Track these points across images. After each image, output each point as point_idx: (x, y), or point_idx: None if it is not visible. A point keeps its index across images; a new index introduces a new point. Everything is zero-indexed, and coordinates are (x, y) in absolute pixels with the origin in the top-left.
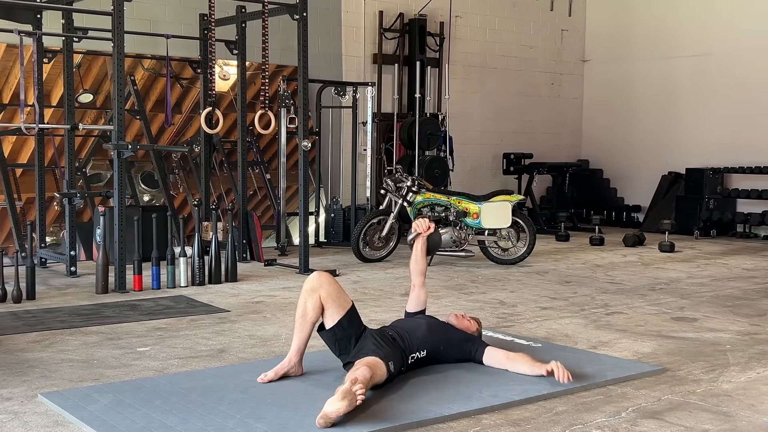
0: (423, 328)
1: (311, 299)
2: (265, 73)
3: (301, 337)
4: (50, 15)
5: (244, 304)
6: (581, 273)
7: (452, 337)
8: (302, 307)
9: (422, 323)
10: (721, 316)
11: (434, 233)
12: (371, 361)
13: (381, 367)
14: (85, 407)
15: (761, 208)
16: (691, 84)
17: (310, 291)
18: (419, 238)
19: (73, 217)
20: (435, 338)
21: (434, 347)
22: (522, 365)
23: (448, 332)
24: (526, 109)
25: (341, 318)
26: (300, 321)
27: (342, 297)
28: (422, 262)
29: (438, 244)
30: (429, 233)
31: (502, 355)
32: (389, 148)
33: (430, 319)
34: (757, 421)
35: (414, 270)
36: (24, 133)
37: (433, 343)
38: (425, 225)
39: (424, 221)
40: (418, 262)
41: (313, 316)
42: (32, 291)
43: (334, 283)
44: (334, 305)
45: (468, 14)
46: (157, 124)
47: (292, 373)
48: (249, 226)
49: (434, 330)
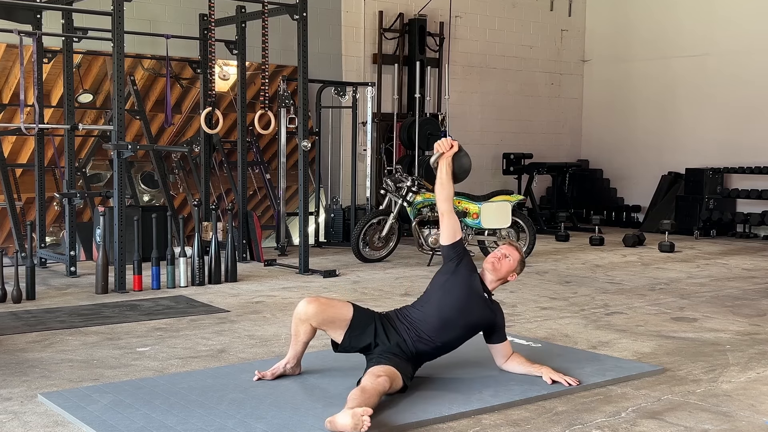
0: (434, 322)
1: (302, 327)
2: (265, 73)
3: (296, 350)
4: (50, 15)
5: (244, 304)
6: (581, 273)
7: (469, 325)
8: (294, 329)
9: (435, 316)
10: (721, 316)
11: (461, 153)
12: (392, 372)
13: (399, 380)
14: (84, 407)
15: (761, 208)
16: (691, 84)
17: (300, 321)
18: (442, 159)
19: (73, 217)
20: (448, 333)
21: (449, 344)
22: (522, 369)
23: (468, 318)
24: (525, 109)
25: (344, 338)
26: (294, 338)
27: (338, 316)
28: (448, 186)
29: (466, 167)
30: (453, 152)
31: (503, 357)
32: (389, 148)
33: (451, 300)
34: (757, 421)
35: (439, 196)
36: (24, 133)
37: (447, 340)
38: (448, 144)
39: (447, 140)
40: (443, 186)
41: (305, 338)
42: (32, 291)
43: (325, 308)
44: (332, 326)
45: (468, 14)
46: (157, 124)
47: (290, 373)
48: (249, 226)
49: (448, 323)
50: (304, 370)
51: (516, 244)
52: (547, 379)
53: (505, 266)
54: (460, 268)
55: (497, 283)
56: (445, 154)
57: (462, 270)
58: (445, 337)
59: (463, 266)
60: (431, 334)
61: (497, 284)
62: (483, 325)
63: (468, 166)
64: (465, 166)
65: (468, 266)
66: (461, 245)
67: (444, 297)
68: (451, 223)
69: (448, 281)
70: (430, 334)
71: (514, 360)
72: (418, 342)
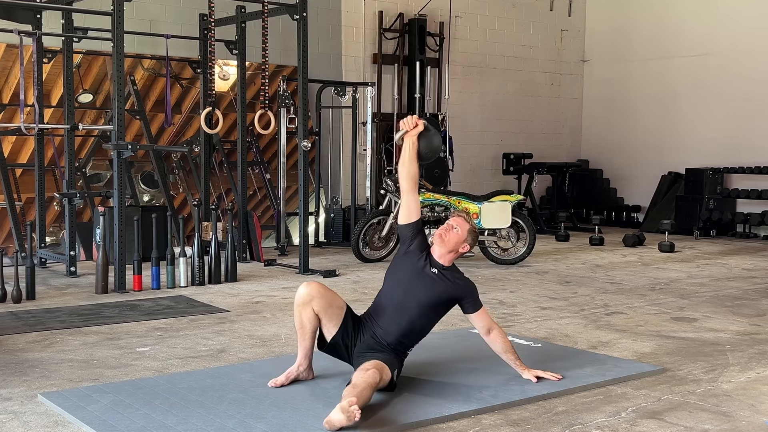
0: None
1: (305, 312)
2: (265, 73)
3: (305, 346)
4: (50, 15)
5: (244, 304)
6: (581, 273)
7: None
8: (299, 320)
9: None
10: (721, 316)
11: (429, 132)
12: (379, 364)
13: (387, 372)
14: (84, 407)
15: (761, 208)
16: (691, 84)
17: (302, 305)
18: (407, 137)
19: (73, 217)
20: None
21: (411, 327)
22: (503, 353)
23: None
24: (525, 109)
25: (337, 332)
26: (300, 332)
27: (335, 302)
28: (410, 165)
29: (434, 147)
30: (417, 131)
31: (483, 328)
32: (389, 148)
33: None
34: (757, 421)
35: (401, 174)
36: (24, 133)
37: (406, 324)
38: (412, 122)
39: (412, 118)
40: (404, 165)
41: (311, 326)
42: (32, 291)
43: (325, 293)
44: (327, 317)
45: (468, 14)
46: (157, 124)
47: (303, 377)
48: (249, 226)
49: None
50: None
51: (464, 214)
52: (532, 377)
53: (453, 238)
54: (410, 249)
55: (449, 255)
56: (409, 133)
57: (411, 251)
58: (403, 322)
59: (414, 246)
60: (389, 322)
61: (450, 257)
62: (443, 300)
63: (437, 146)
64: (433, 145)
65: (418, 246)
66: (417, 226)
67: (391, 282)
68: (409, 202)
69: (397, 265)
70: (389, 322)
71: (497, 341)
72: (384, 334)
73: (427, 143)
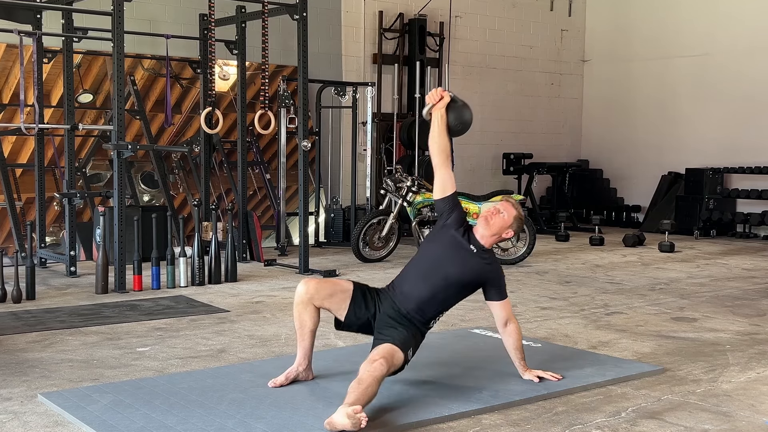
0: (414, 275)
1: (305, 311)
2: (265, 73)
3: (304, 346)
4: (50, 15)
5: (244, 304)
6: (581, 273)
7: (451, 278)
8: (298, 319)
9: (413, 271)
10: (721, 316)
11: (457, 104)
12: (388, 351)
13: (398, 355)
14: (84, 407)
15: (761, 208)
16: (691, 84)
17: (301, 304)
18: (434, 110)
19: (73, 217)
20: (427, 285)
21: (432, 296)
22: (512, 349)
23: (447, 270)
24: (525, 109)
25: (347, 313)
26: (299, 331)
27: (338, 288)
28: (439, 139)
29: (465, 119)
30: (445, 103)
31: (501, 319)
32: (389, 148)
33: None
34: (757, 421)
35: (431, 149)
36: (24, 133)
37: (428, 292)
38: (437, 95)
39: (437, 90)
40: (434, 139)
41: (311, 325)
42: (32, 291)
43: (324, 286)
44: (334, 301)
45: (468, 14)
46: (157, 124)
47: (302, 378)
48: (249, 226)
49: (426, 275)
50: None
51: (513, 200)
52: (534, 378)
53: (497, 222)
54: (448, 222)
55: (491, 238)
56: (437, 106)
57: (449, 224)
58: (426, 289)
59: (452, 220)
60: (411, 287)
61: (492, 240)
62: (471, 280)
63: (468, 119)
64: (463, 118)
65: (457, 219)
66: (453, 199)
67: (424, 251)
68: (443, 177)
69: (433, 237)
70: (411, 288)
71: (511, 336)
72: (403, 301)
73: (456, 115)
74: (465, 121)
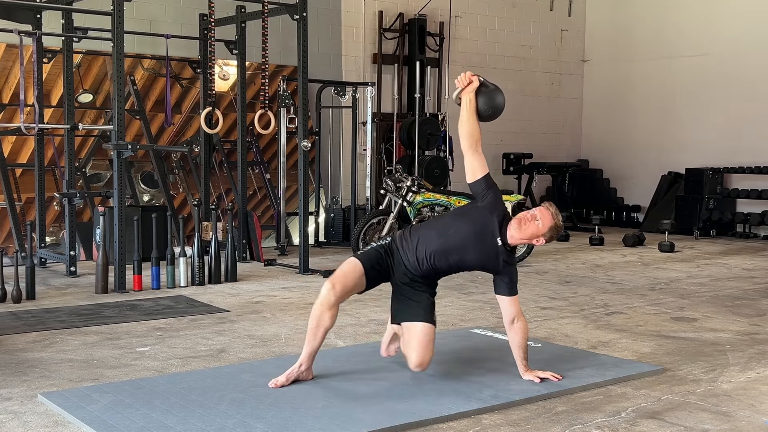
0: (430, 249)
1: (328, 312)
2: (265, 73)
3: (313, 345)
4: (50, 15)
5: (244, 304)
6: (581, 273)
7: (465, 260)
8: (316, 320)
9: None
10: (721, 316)
11: (488, 89)
12: (429, 340)
13: (432, 333)
14: (84, 407)
15: (761, 208)
16: (691, 84)
17: (328, 305)
18: (464, 94)
19: (73, 217)
20: (444, 262)
21: (447, 270)
22: (515, 347)
23: (466, 251)
24: (525, 109)
25: (367, 286)
26: (313, 330)
27: (356, 279)
28: (467, 123)
29: (496, 104)
30: (474, 87)
31: (510, 315)
32: (389, 148)
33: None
34: (757, 421)
35: (461, 133)
36: (24, 133)
37: (442, 267)
38: (466, 79)
39: (466, 74)
40: (463, 124)
41: (329, 324)
42: (32, 291)
43: (347, 285)
44: (355, 290)
45: (468, 14)
46: (157, 124)
47: (303, 377)
48: (249, 226)
49: (445, 253)
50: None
51: (553, 209)
52: (534, 378)
53: (530, 228)
54: (484, 203)
55: (520, 240)
56: (466, 90)
57: (485, 205)
58: (441, 265)
59: (487, 202)
60: (428, 259)
61: (519, 242)
62: (484, 267)
63: (499, 104)
64: (494, 102)
65: (494, 204)
66: (487, 181)
67: (452, 223)
68: (472, 161)
69: (465, 211)
70: (427, 259)
71: (517, 334)
72: (416, 268)
73: (487, 100)
74: (496, 106)
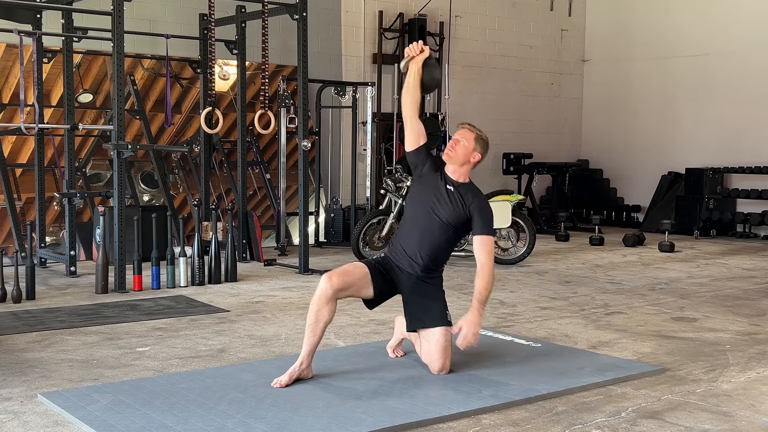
0: (414, 236)
1: (327, 306)
2: (265, 73)
3: (313, 342)
4: (50, 15)
5: (244, 304)
6: (581, 273)
7: (452, 221)
8: (315, 315)
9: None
10: (721, 316)
11: (431, 62)
12: (447, 344)
13: (450, 337)
14: (84, 407)
15: (761, 208)
16: (691, 84)
17: (325, 298)
18: (413, 63)
19: (73, 217)
20: (429, 238)
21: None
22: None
23: (441, 217)
24: (525, 109)
25: (374, 290)
26: (312, 326)
27: (359, 278)
28: (414, 92)
29: (436, 77)
30: (424, 57)
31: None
32: (389, 148)
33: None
34: (757, 421)
35: (404, 100)
36: (24, 133)
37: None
38: (417, 47)
39: (418, 44)
40: (409, 91)
41: (328, 319)
42: (32, 291)
43: (346, 279)
44: (356, 288)
45: (468, 14)
46: (157, 124)
47: (304, 375)
48: (249, 226)
49: (426, 231)
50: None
51: (467, 124)
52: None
53: (460, 151)
54: (423, 172)
55: (462, 169)
56: (416, 59)
57: (425, 174)
58: (430, 242)
59: (426, 169)
60: (417, 247)
61: (463, 170)
62: (462, 217)
63: (438, 78)
64: (435, 75)
65: (432, 167)
66: (425, 150)
67: (412, 208)
68: (414, 127)
69: (414, 191)
70: (416, 247)
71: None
72: (413, 261)
73: (430, 73)
74: (437, 80)
